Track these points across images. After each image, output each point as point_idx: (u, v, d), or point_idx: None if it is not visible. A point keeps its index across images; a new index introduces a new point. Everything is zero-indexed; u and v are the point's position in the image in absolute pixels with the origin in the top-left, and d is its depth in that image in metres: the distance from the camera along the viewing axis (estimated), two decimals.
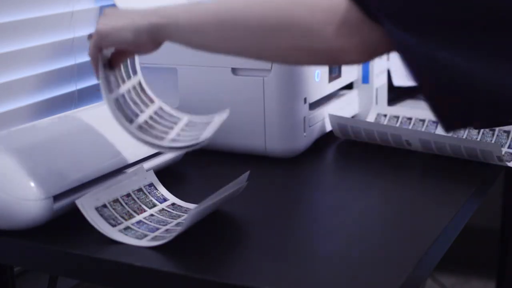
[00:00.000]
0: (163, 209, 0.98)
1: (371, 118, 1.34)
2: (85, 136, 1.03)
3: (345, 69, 1.36)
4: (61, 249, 0.90)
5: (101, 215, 0.92)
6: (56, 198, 0.94)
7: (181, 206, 1.00)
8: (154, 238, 0.91)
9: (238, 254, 0.89)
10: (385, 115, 1.33)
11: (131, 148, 1.06)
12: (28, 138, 0.99)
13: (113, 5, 1.35)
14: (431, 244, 0.89)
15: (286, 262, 0.86)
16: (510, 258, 1.96)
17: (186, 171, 1.17)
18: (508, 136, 1.17)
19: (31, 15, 1.23)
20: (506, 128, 1.18)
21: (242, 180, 0.98)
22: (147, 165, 1.07)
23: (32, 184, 0.92)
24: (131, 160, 1.05)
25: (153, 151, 1.09)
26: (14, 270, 1.13)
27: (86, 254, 0.88)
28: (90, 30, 1.34)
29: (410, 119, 1.30)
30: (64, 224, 0.93)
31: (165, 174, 1.05)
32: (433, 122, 1.26)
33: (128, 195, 0.97)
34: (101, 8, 1.36)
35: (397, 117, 1.32)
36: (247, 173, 0.99)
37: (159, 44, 0.92)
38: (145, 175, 1.01)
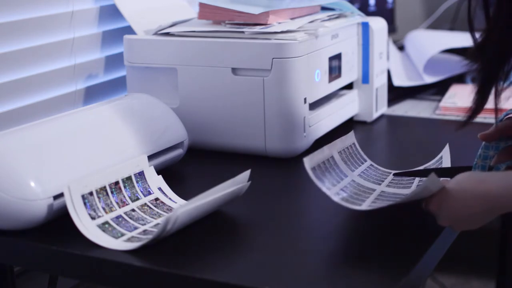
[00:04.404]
0: (145, 204, 0.98)
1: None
2: (85, 136, 1.03)
3: (345, 69, 1.36)
4: (61, 249, 0.90)
5: (85, 204, 0.92)
6: (56, 198, 0.94)
7: (164, 203, 1.00)
8: (130, 239, 0.91)
9: (238, 254, 0.89)
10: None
11: (131, 147, 1.06)
12: (28, 138, 0.99)
13: (113, 5, 1.35)
14: (431, 244, 0.89)
15: (286, 262, 0.86)
16: (510, 258, 1.96)
17: (186, 171, 1.17)
18: None
19: (31, 15, 1.23)
20: None
21: (241, 179, 0.98)
22: None
23: (32, 184, 0.92)
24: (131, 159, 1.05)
25: (152, 150, 1.09)
26: (14, 270, 1.13)
27: (86, 254, 0.89)
28: (90, 30, 1.35)
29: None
30: (64, 224, 0.93)
31: (165, 174, 1.05)
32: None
33: (117, 182, 0.97)
34: (101, 8, 1.36)
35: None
36: (248, 172, 0.99)
37: None
38: (137, 162, 1.01)
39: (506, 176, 0.88)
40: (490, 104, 0.97)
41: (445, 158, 1.08)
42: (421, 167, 1.10)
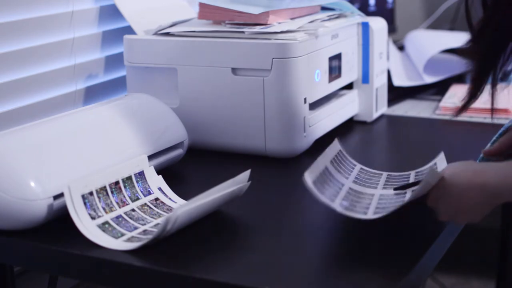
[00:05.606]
0: (145, 204, 0.99)
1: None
2: (85, 136, 1.03)
3: (345, 69, 1.36)
4: (61, 249, 0.90)
5: (85, 204, 0.92)
6: (56, 198, 0.94)
7: (164, 203, 1.00)
8: (130, 239, 0.91)
9: (238, 254, 0.89)
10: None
11: (131, 147, 1.06)
12: (28, 138, 0.99)
13: (113, 5, 1.35)
14: (431, 244, 0.89)
15: (286, 262, 0.86)
16: (510, 258, 1.96)
17: (186, 171, 1.17)
18: None
19: (31, 15, 1.23)
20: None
21: (241, 179, 0.98)
22: None
23: (32, 184, 0.92)
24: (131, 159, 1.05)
25: (152, 150, 1.09)
26: (14, 270, 1.13)
27: (86, 254, 0.89)
28: (90, 30, 1.35)
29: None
30: (64, 224, 0.93)
31: (165, 174, 1.05)
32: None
33: (117, 182, 0.97)
34: (101, 8, 1.36)
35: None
36: (248, 172, 0.99)
37: None
38: (137, 162, 1.01)
39: (503, 166, 0.88)
40: (488, 104, 0.98)
41: (440, 167, 1.07)
42: (413, 172, 1.09)
